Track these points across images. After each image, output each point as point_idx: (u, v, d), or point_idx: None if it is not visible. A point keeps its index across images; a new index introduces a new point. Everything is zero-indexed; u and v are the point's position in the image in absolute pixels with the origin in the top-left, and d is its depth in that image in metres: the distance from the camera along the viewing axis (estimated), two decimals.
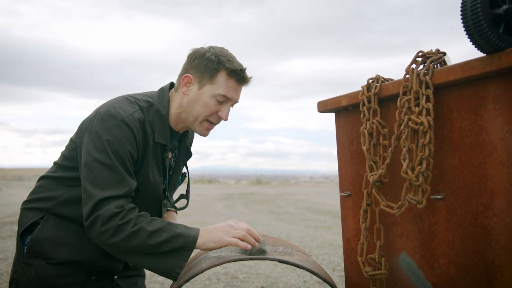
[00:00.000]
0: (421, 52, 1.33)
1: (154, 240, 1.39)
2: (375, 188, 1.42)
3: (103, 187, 1.42)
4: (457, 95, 1.23)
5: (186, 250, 1.42)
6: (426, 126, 1.23)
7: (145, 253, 1.41)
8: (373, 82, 1.48)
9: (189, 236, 1.43)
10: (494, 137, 1.13)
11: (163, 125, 1.63)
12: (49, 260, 1.54)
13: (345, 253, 1.73)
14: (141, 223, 1.40)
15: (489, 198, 1.15)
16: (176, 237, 1.41)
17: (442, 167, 1.27)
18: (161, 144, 1.64)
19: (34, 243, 1.55)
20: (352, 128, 1.65)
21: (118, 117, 1.49)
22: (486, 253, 1.16)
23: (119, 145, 1.47)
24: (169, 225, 1.44)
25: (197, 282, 3.80)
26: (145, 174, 1.58)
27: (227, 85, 1.58)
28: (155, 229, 1.41)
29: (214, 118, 1.63)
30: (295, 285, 3.74)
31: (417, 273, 1.37)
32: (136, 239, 1.39)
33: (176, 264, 1.41)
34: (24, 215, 1.63)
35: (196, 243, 1.43)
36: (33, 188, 1.68)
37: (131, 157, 1.50)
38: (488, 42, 1.07)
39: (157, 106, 1.63)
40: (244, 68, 1.61)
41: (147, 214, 1.47)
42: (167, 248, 1.40)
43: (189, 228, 1.47)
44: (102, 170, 1.44)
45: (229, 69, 1.57)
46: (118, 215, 1.39)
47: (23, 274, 1.55)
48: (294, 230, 7.02)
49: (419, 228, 1.36)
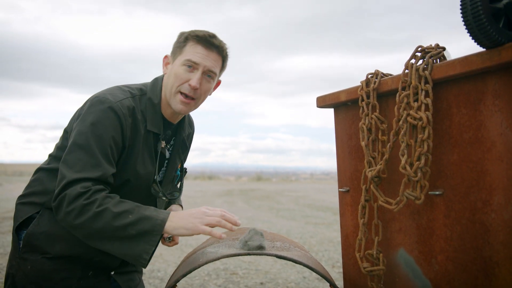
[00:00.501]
0: (420, 47, 1.32)
1: (120, 221, 1.33)
2: (374, 184, 1.42)
3: (77, 169, 1.40)
4: (456, 90, 1.22)
5: (154, 234, 1.35)
6: (425, 122, 1.22)
7: (112, 237, 1.35)
8: (372, 77, 1.47)
9: (157, 219, 1.36)
10: (493, 132, 1.12)
11: (155, 113, 1.62)
12: (45, 255, 1.53)
13: (343, 249, 1.72)
14: (107, 204, 1.35)
15: (487, 194, 1.14)
16: (143, 219, 1.35)
17: (441, 163, 1.27)
18: (154, 134, 1.63)
19: (30, 237, 1.54)
20: (351, 124, 1.64)
21: (106, 102, 1.49)
22: (484, 249, 1.15)
23: (102, 130, 1.45)
24: (138, 207, 1.39)
25: (197, 278, 3.80)
26: (135, 162, 1.56)
27: (194, 50, 1.58)
28: (122, 210, 1.35)
29: (185, 88, 1.58)
30: (294, 281, 3.74)
31: (415, 269, 1.36)
32: (101, 220, 1.33)
33: (144, 250, 1.34)
34: (19, 210, 1.62)
35: (164, 227, 1.36)
36: (29, 182, 1.68)
37: (115, 144, 1.48)
38: (488, 37, 1.06)
39: (150, 94, 1.63)
40: (213, 33, 1.61)
41: (117, 196, 1.41)
42: (134, 231, 1.34)
43: (159, 211, 1.40)
44: (79, 153, 1.43)
45: (194, 36, 1.58)
46: (84, 194, 1.35)
47: (19, 269, 1.54)
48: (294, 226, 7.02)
49: (417, 224, 1.35)
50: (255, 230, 1.50)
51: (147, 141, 1.60)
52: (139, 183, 1.59)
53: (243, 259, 4.52)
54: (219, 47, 1.61)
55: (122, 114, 1.50)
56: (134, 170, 1.56)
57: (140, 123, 1.57)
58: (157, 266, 4.24)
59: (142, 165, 1.59)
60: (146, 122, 1.60)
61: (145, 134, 1.59)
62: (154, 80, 1.69)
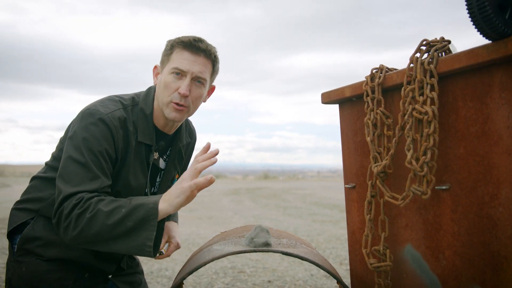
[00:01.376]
0: (425, 40, 1.31)
1: (113, 218, 1.32)
2: (380, 179, 1.41)
3: (74, 184, 1.40)
4: (462, 83, 1.21)
5: (150, 219, 1.33)
6: (431, 116, 1.21)
7: (112, 236, 1.33)
8: (377, 72, 1.46)
9: (149, 204, 1.35)
10: (500, 125, 1.10)
11: (147, 124, 1.60)
12: (40, 257, 1.53)
13: (350, 245, 1.71)
14: (98, 206, 1.34)
15: (495, 188, 1.13)
16: (136, 208, 1.34)
17: (447, 157, 1.25)
18: (146, 145, 1.61)
19: (24, 242, 1.55)
20: (356, 119, 1.63)
21: (96, 115, 1.48)
22: (492, 244, 1.14)
23: (94, 143, 1.44)
24: (129, 199, 1.38)
25: (204, 276, 3.81)
26: (126, 174, 1.55)
27: (181, 57, 1.55)
28: (113, 207, 1.34)
29: (175, 97, 1.55)
30: (302, 279, 3.73)
31: (422, 264, 1.35)
32: (96, 223, 1.32)
33: (146, 237, 1.33)
34: (14, 215, 1.63)
35: (158, 209, 1.34)
36: (25, 188, 1.68)
37: (108, 156, 1.47)
38: (494, 29, 1.04)
39: (142, 105, 1.61)
40: (199, 38, 1.57)
41: (109, 197, 1.40)
42: (131, 223, 1.32)
43: (150, 196, 1.40)
44: (75, 168, 1.42)
45: (180, 43, 1.55)
46: (77, 206, 1.35)
47: (14, 272, 1.55)
48: (301, 224, 7.01)
49: (424, 219, 1.34)
50: (261, 227, 1.49)
51: (138, 153, 1.58)
52: (131, 195, 1.55)
53: (250, 257, 4.52)
54: (205, 50, 1.56)
55: (113, 126, 1.48)
56: (126, 182, 1.55)
57: (131, 134, 1.55)
58: (164, 265, 4.26)
59: (134, 177, 1.57)
60: (137, 134, 1.57)
61: (136, 146, 1.57)
62: (148, 90, 1.67)
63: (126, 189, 1.56)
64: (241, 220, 7.51)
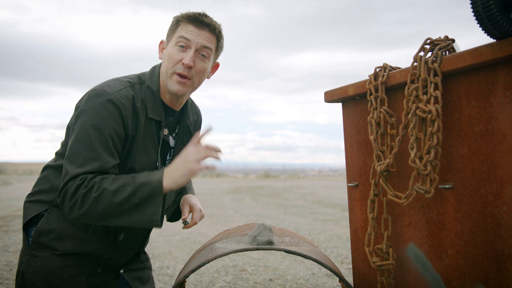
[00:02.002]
0: (429, 39, 1.31)
1: (120, 197, 1.37)
2: (383, 178, 1.41)
3: (78, 164, 1.42)
4: (466, 82, 1.20)
5: (155, 195, 1.40)
6: (434, 114, 1.21)
7: (119, 212, 1.39)
8: (381, 70, 1.46)
9: (154, 182, 1.40)
10: (504, 124, 1.10)
11: (155, 100, 1.61)
12: (54, 251, 1.54)
13: (352, 244, 1.72)
14: (103, 185, 1.38)
15: (498, 187, 1.13)
16: (140, 187, 1.39)
17: (451, 156, 1.25)
18: (156, 121, 1.62)
19: (39, 234, 1.55)
20: (359, 118, 1.63)
21: (104, 95, 1.48)
22: (496, 243, 1.14)
23: (101, 123, 1.45)
24: (133, 177, 1.42)
25: (206, 275, 3.82)
26: (137, 151, 1.56)
27: (186, 29, 1.57)
28: (118, 186, 1.39)
29: (179, 67, 1.57)
30: (303, 278, 3.73)
31: (425, 263, 1.35)
32: (102, 202, 1.37)
33: (152, 212, 1.39)
34: (27, 208, 1.63)
35: (163, 186, 1.41)
36: (36, 180, 1.69)
37: (117, 135, 1.48)
38: (498, 28, 1.04)
39: (148, 82, 1.62)
40: (204, 12, 1.60)
41: (112, 175, 1.43)
42: (136, 200, 1.38)
43: (153, 173, 1.44)
44: (80, 148, 1.44)
45: (185, 17, 1.58)
46: (81, 185, 1.38)
47: (28, 265, 1.55)
48: (302, 223, 7.01)
49: (427, 218, 1.34)
50: (264, 225, 1.49)
51: (149, 129, 1.59)
52: (142, 168, 1.57)
53: (252, 256, 4.53)
54: (210, 24, 1.59)
55: (121, 105, 1.49)
56: (137, 158, 1.56)
57: (140, 111, 1.56)
58: (166, 263, 4.27)
59: (145, 154, 1.58)
60: (146, 110, 1.58)
61: (146, 122, 1.58)
62: (152, 68, 1.68)
63: (138, 165, 1.56)
64: (242, 219, 7.52)
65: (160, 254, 4.71)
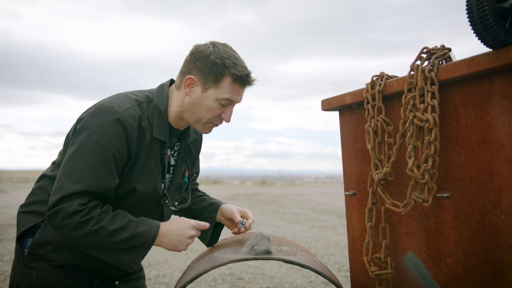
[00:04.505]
0: (426, 48, 1.31)
1: (115, 238, 1.43)
2: (380, 187, 1.41)
3: (76, 180, 1.41)
4: (463, 91, 1.21)
5: (143, 248, 1.48)
6: (432, 123, 1.21)
7: (104, 249, 1.46)
8: (378, 79, 1.47)
9: (149, 237, 1.47)
10: (501, 133, 1.11)
11: (162, 121, 1.61)
12: (52, 263, 1.52)
13: (350, 253, 1.71)
14: (102, 221, 1.42)
15: (496, 195, 1.13)
16: (136, 236, 1.45)
17: (448, 165, 1.25)
18: (160, 141, 1.62)
19: (36, 246, 1.53)
20: (356, 126, 1.63)
21: (112, 113, 1.47)
22: (494, 252, 1.14)
23: (106, 142, 1.44)
24: (131, 222, 1.46)
25: (202, 283, 3.79)
26: (141, 170, 1.55)
27: (232, 89, 1.57)
28: (116, 228, 1.43)
29: (217, 120, 1.63)
30: (300, 286, 3.72)
31: (423, 272, 1.35)
32: (96, 237, 1.41)
33: (132, 261, 1.48)
34: (22, 219, 1.60)
35: (154, 242, 1.49)
36: (32, 190, 1.66)
37: (119, 154, 1.47)
38: (495, 37, 1.05)
39: (156, 101, 1.61)
40: (249, 72, 1.60)
41: (110, 209, 1.47)
42: (126, 246, 1.45)
43: (151, 226, 1.49)
44: (80, 162, 1.43)
45: (234, 75, 1.55)
46: (80, 212, 1.39)
47: (24, 277, 1.53)
48: (299, 230, 7.00)
49: (425, 227, 1.34)
50: (262, 234, 1.49)
51: (152, 149, 1.59)
52: (145, 191, 1.57)
53: (248, 264, 4.51)
54: (252, 83, 1.64)
55: (128, 124, 1.48)
56: (139, 178, 1.55)
57: (146, 130, 1.55)
58: (162, 272, 4.24)
59: (147, 173, 1.57)
60: (152, 129, 1.58)
61: (150, 141, 1.58)
62: (160, 87, 1.67)
63: (139, 185, 1.56)
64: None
65: (156, 263, 4.68)
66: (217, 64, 1.54)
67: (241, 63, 1.59)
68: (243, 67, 1.58)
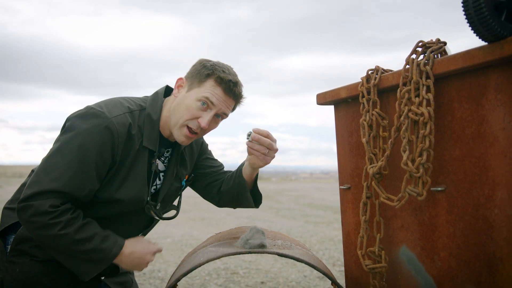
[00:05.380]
0: (421, 42, 1.31)
1: (77, 247, 1.43)
2: (375, 181, 1.41)
3: (52, 178, 1.40)
4: (458, 85, 1.21)
5: (102, 263, 1.48)
6: (427, 117, 1.21)
7: (63, 252, 1.46)
8: (373, 73, 1.46)
9: (110, 254, 1.48)
10: (496, 127, 1.11)
11: (153, 130, 1.59)
12: (34, 258, 1.52)
13: (344, 247, 1.71)
14: (69, 228, 1.41)
15: (490, 189, 1.13)
16: (97, 251, 1.45)
17: (443, 159, 1.26)
18: (149, 150, 1.60)
19: (19, 242, 1.53)
20: (351, 120, 1.63)
21: (101, 118, 1.46)
22: (488, 246, 1.14)
23: (90, 146, 1.43)
24: (96, 235, 1.46)
25: (197, 278, 3.79)
26: (123, 177, 1.54)
27: (213, 91, 1.55)
28: (81, 237, 1.43)
29: (193, 124, 1.57)
30: (295, 280, 3.73)
31: (417, 266, 1.35)
32: (60, 242, 1.41)
33: (87, 272, 1.48)
34: (6, 215, 1.61)
35: (113, 260, 1.50)
36: (19, 187, 1.66)
37: (102, 161, 1.46)
38: (490, 30, 1.05)
39: (149, 110, 1.60)
40: (236, 81, 1.58)
41: (80, 216, 1.46)
42: (85, 257, 1.45)
43: (115, 244, 1.49)
44: (60, 161, 1.42)
45: (218, 77, 1.54)
46: (50, 214, 1.39)
47: (7, 273, 1.53)
48: (294, 225, 7.01)
49: (420, 221, 1.34)
50: (256, 228, 1.49)
51: (141, 156, 1.57)
52: (128, 198, 1.56)
53: (243, 259, 4.51)
54: (237, 96, 1.60)
55: (116, 131, 1.47)
56: (121, 185, 1.54)
57: (136, 138, 1.54)
58: (157, 266, 4.23)
59: (131, 181, 1.56)
60: (142, 138, 1.57)
61: (139, 150, 1.56)
62: (154, 95, 1.66)
63: (124, 193, 1.54)
64: (234, 221, 7.50)
65: None
66: (206, 67, 1.57)
67: (231, 74, 1.57)
68: (232, 76, 1.57)
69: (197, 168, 1.91)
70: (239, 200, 1.80)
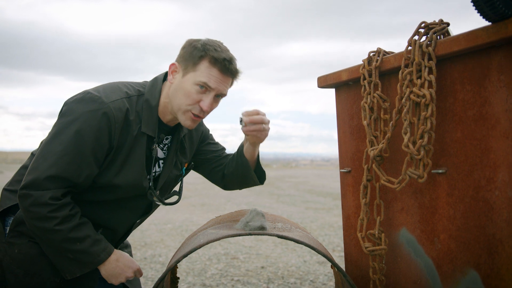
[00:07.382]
0: (424, 23, 1.29)
1: (66, 245, 1.44)
2: (376, 163, 1.40)
3: (51, 162, 1.41)
4: (460, 66, 1.19)
5: (87, 266, 1.48)
6: (428, 99, 1.20)
7: (52, 247, 1.47)
8: (374, 55, 1.45)
9: (96, 258, 1.48)
10: (498, 109, 1.10)
11: (151, 116, 1.58)
12: (33, 239, 1.53)
13: (344, 230, 1.72)
14: (65, 225, 1.42)
15: (491, 171, 1.12)
16: (85, 253, 1.46)
17: (444, 141, 1.25)
18: (148, 136, 1.59)
19: (18, 223, 1.54)
20: (352, 103, 1.62)
21: (97, 102, 1.45)
22: (488, 227, 1.14)
23: (87, 131, 1.43)
24: (88, 238, 1.47)
25: (198, 262, 3.82)
26: (122, 163, 1.54)
27: (209, 73, 1.52)
28: (74, 237, 1.44)
29: (196, 109, 1.55)
30: (295, 265, 3.75)
31: (417, 248, 1.36)
32: (52, 236, 1.43)
33: (71, 271, 1.48)
34: (5, 197, 1.61)
35: (98, 265, 1.50)
36: (19, 168, 1.66)
37: (100, 146, 1.46)
38: (494, 10, 1.03)
39: (147, 96, 1.59)
40: (231, 58, 1.55)
41: (78, 215, 1.47)
42: (72, 256, 1.46)
43: (104, 250, 1.50)
44: (57, 147, 1.42)
45: (212, 58, 1.51)
46: (49, 206, 1.40)
47: (5, 253, 1.54)
48: (294, 211, 7.04)
49: (420, 203, 1.34)
50: (256, 211, 1.49)
51: (139, 143, 1.56)
52: (125, 184, 1.56)
53: (243, 244, 4.54)
54: (234, 72, 1.57)
55: (112, 116, 1.46)
56: (120, 171, 1.54)
57: (134, 123, 1.53)
58: (158, 251, 4.26)
59: (129, 167, 1.55)
60: (140, 124, 1.56)
61: (138, 135, 1.55)
62: (153, 81, 1.64)
63: (122, 178, 1.54)
64: (234, 207, 7.53)
65: (152, 242, 4.70)
66: (197, 48, 1.53)
67: (223, 51, 1.54)
68: (226, 54, 1.54)
69: (199, 154, 1.90)
70: (244, 180, 1.81)
